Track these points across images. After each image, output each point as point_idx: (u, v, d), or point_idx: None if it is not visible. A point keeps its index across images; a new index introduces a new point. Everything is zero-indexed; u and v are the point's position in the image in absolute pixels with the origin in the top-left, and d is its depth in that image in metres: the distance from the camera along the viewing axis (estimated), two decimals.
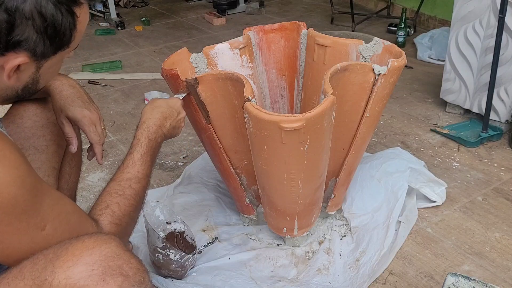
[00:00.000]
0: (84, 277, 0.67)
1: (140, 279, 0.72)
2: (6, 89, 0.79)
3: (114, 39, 3.52)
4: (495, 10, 1.86)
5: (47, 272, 0.67)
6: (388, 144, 1.99)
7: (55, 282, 0.67)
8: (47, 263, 0.68)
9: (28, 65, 0.76)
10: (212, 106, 1.25)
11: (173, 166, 1.90)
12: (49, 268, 0.68)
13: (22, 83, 0.79)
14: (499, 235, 1.48)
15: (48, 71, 0.81)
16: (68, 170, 1.19)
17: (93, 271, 0.68)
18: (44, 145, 1.07)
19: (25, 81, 0.79)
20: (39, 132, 1.08)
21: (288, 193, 1.26)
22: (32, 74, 0.78)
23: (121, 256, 0.71)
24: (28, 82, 0.79)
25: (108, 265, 0.69)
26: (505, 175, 1.76)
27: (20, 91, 0.81)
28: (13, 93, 0.80)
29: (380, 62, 1.30)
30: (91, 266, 0.68)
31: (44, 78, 0.82)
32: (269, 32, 1.49)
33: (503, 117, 1.98)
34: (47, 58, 0.77)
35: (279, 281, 1.32)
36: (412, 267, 1.36)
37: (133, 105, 2.46)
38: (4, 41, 0.70)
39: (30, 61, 0.74)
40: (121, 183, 0.94)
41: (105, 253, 0.70)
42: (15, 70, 0.75)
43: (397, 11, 3.57)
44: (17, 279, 0.68)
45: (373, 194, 1.58)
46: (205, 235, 1.50)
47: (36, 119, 1.08)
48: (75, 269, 0.67)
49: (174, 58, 1.33)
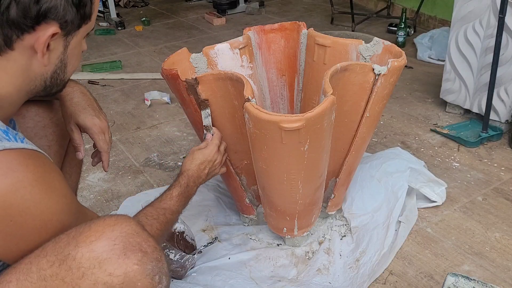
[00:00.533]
0: (106, 250, 0.70)
1: (157, 257, 0.75)
2: (35, 78, 0.79)
3: (114, 39, 3.52)
4: (495, 10, 1.86)
5: (71, 247, 0.70)
6: (388, 144, 1.99)
7: (79, 255, 0.69)
8: (70, 240, 0.71)
9: (58, 42, 0.76)
10: (212, 106, 1.25)
11: (173, 166, 1.90)
12: (72, 243, 0.70)
13: (52, 66, 0.79)
14: (499, 235, 1.48)
15: (74, 53, 0.81)
16: (69, 170, 1.19)
17: (115, 246, 0.71)
18: (46, 145, 1.08)
19: (54, 63, 0.79)
20: (41, 132, 1.08)
21: (288, 193, 1.26)
22: (60, 54, 0.79)
23: (140, 234, 0.74)
24: (57, 66, 0.80)
25: (129, 241, 0.72)
26: (505, 175, 1.76)
27: (48, 80, 0.81)
28: (41, 83, 0.80)
29: (380, 62, 1.30)
30: (113, 241, 0.71)
31: (71, 63, 0.82)
32: (269, 32, 1.49)
33: (503, 117, 1.98)
34: (74, 31, 0.78)
35: (279, 281, 1.33)
36: (412, 267, 1.36)
37: (133, 105, 2.46)
38: (35, 10, 0.70)
39: (60, 33, 0.75)
40: (158, 210, 1.03)
41: (126, 230, 0.73)
42: (47, 50, 0.75)
43: (397, 11, 3.57)
44: (39, 257, 0.70)
45: (373, 194, 1.58)
46: (205, 235, 1.50)
47: (38, 119, 1.08)
48: (98, 243, 0.70)
49: (174, 58, 1.33)
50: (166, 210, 1.04)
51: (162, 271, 0.75)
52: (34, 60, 0.76)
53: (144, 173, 1.87)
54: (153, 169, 1.89)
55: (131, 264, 0.71)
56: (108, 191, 1.77)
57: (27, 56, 0.75)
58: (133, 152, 2.02)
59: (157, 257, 0.75)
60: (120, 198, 1.71)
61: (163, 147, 2.06)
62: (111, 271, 0.70)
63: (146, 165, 1.92)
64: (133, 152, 2.02)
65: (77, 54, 0.83)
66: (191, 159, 1.20)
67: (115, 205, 1.67)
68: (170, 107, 2.40)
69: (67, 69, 0.82)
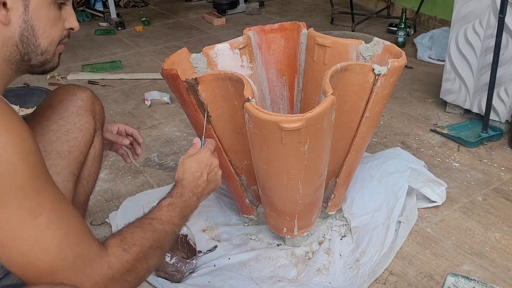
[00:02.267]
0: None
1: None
2: (5, 42, 0.78)
3: (114, 39, 3.52)
4: (495, 10, 1.86)
5: None
6: (388, 144, 1.99)
7: None
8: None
9: (14, 0, 0.75)
10: (212, 106, 1.25)
11: (173, 166, 1.90)
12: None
13: (16, 27, 0.78)
14: (499, 235, 1.48)
15: (40, 15, 0.80)
16: (87, 177, 1.18)
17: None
18: (67, 151, 1.06)
19: (17, 23, 0.78)
20: (63, 137, 1.07)
21: (288, 193, 1.25)
22: (21, 13, 0.77)
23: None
24: (22, 27, 0.78)
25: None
26: (505, 175, 1.76)
27: (19, 44, 0.79)
28: (13, 47, 0.79)
29: (380, 62, 1.30)
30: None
31: (40, 26, 0.80)
32: (269, 32, 1.49)
33: (503, 117, 1.98)
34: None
35: (279, 281, 1.32)
36: (412, 267, 1.36)
37: (133, 105, 2.46)
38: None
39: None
40: (142, 220, 0.91)
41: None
42: (3, 9, 0.74)
43: (397, 11, 3.57)
44: None
45: (373, 194, 1.58)
46: (205, 235, 1.51)
47: (62, 123, 1.07)
48: None
49: (174, 58, 1.33)
50: (153, 220, 0.92)
51: None
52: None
53: (144, 173, 1.87)
54: (153, 169, 1.89)
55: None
56: (108, 191, 1.77)
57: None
58: None
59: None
60: (120, 198, 1.70)
61: (163, 147, 2.06)
62: None
63: (146, 165, 1.92)
64: None
65: (47, 18, 0.81)
66: (182, 170, 1.06)
67: (115, 205, 1.67)
68: (170, 107, 2.40)
69: (36, 33, 0.80)
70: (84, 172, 1.16)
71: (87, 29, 3.71)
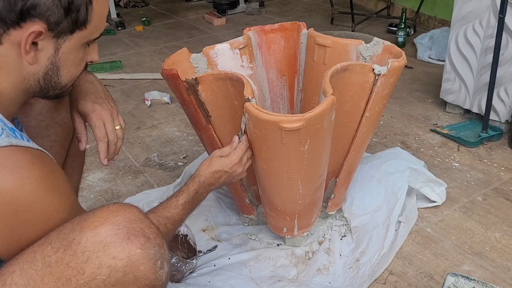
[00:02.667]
0: (110, 234, 0.72)
1: (159, 243, 0.76)
2: (27, 76, 0.79)
3: (114, 39, 3.52)
4: (495, 10, 1.86)
5: (75, 233, 0.72)
6: (388, 144, 1.99)
7: (84, 239, 0.71)
8: (75, 226, 0.73)
9: (47, 42, 0.77)
10: (212, 106, 1.25)
11: (173, 166, 1.90)
12: (77, 229, 0.72)
13: (42, 66, 0.79)
14: (499, 235, 1.48)
15: (68, 58, 0.81)
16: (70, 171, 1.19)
17: (119, 230, 0.73)
18: (48, 146, 1.07)
19: (44, 64, 0.79)
20: (43, 132, 1.07)
21: (288, 193, 1.26)
22: (50, 56, 0.79)
23: (143, 221, 0.76)
24: (48, 68, 0.80)
25: (132, 226, 0.74)
26: (505, 175, 1.77)
27: (41, 80, 0.81)
28: (35, 82, 0.81)
29: (380, 62, 1.30)
30: (117, 226, 0.73)
31: (65, 67, 0.82)
32: (269, 32, 1.49)
33: (503, 117, 1.98)
34: (64, 34, 0.77)
35: (279, 281, 1.33)
36: (412, 267, 1.37)
37: (133, 105, 2.46)
38: (20, 5, 0.71)
39: (46, 32, 0.75)
40: (159, 219, 0.98)
41: (129, 216, 0.75)
42: (33, 49, 0.76)
43: (397, 11, 3.57)
44: (44, 245, 0.72)
45: (373, 194, 1.58)
46: (205, 235, 1.51)
47: (41, 118, 1.07)
48: (102, 228, 0.72)
49: (174, 58, 1.33)
50: (168, 220, 1.00)
51: (164, 257, 0.76)
52: (22, 55, 0.77)
53: (144, 173, 1.87)
54: (153, 169, 1.90)
55: (134, 248, 0.72)
56: (108, 191, 1.77)
57: (16, 52, 0.76)
58: (133, 152, 2.02)
59: (159, 243, 0.76)
60: (120, 198, 1.71)
61: (163, 147, 2.06)
62: (115, 254, 0.71)
63: (146, 165, 1.92)
64: (133, 152, 2.02)
65: (74, 60, 0.83)
66: (208, 164, 1.13)
67: None
68: (170, 107, 2.40)
69: (60, 73, 0.82)
70: (67, 167, 1.16)
71: None
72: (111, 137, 1.01)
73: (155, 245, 0.75)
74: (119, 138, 1.03)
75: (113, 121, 1.02)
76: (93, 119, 0.99)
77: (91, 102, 1.00)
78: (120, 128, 1.03)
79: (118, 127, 1.02)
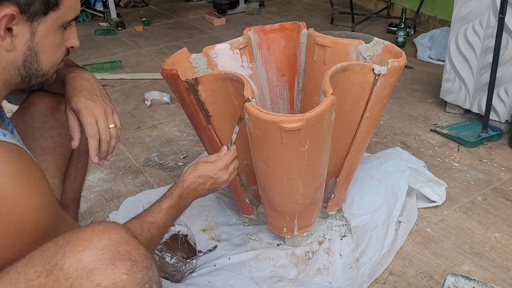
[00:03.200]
0: (94, 260, 0.68)
1: (147, 265, 0.73)
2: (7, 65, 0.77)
3: (114, 39, 3.52)
4: (495, 10, 1.86)
5: (58, 257, 0.68)
6: (388, 144, 1.99)
7: (66, 265, 0.68)
8: (58, 249, 0.69)
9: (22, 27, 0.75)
10: (212, 106, 1.25)
11: (173, 166, 1.90)
12: (60, 253, 0.69)
13: (20, 53, 0.77)
14: (499, 235, 1.48)
15: (46, 42, 0.79)
16: (74, 173, 1.18)
17: (103, 255, 0.69)
18: (52, 147, 1.07)
19: (22, 50, 0.77)
20: (47, 133, 1.07)
21: (288, 193, 1.26)
22: (27, 41, 0.77)
23: (129, 242, 0.72)
24: (26, 54, 0.78)
25: (117, 250, 0.70)
26: (505, 175, 1.77)
27: (21, 68, 0.79)
28: (15, 71, 0.79)
29: (380, 62, 1.30)
30: (101, 251, 0.69)
31: (44, 52, 0.80)
32: (269, 32, 1.49)
33: (503, 117, 1.98)
34: (38, 16, 0.76)
35: (279, 281, 1.33)
36: (412, 267, 1.37)
37: (133, 105, 2.46)
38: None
39: (19, 16, 0.73)
40: (142, 224, 0.96)
41: (114, 238, 0.71)
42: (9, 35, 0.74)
43: (397, 11, 3.57)
44: (27, 267, 0.69)
45: (373, 194, 1.58)
46: (205, 235, 1.51)
47: (45, 119, 1.07)
48: (85, 253, 0.68)
49: (174, 58, 1.33)
50: (152, 225, 0.97)
51: (152, 279, 0.73)
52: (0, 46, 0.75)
53: (144, 173, 1.87)
54: (153, 169, 1.90)
55: (119, 274, 0.69)
56: (108, 191, 1.77)
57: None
58: (133, 152, 2.02)
59: (147, 266, 0.72)
60: (120, 198, 1.71)
61: (163, 147, 2.06)
62: (99, 281, 0.68)
63: (146, 165, 1.92)
64: (133, 152, 2.02)
65: (52, 45, 0.81)
66: (193, 168, 1.12)
67: (115, 205, 1.67)
68: (170, 107, 2.40)
69: (39, 59, 0.80)
70: (70, 169, 1.16)
71: (87, 29, 3.71)
72: (103, 135, 0.98)
73: (142, 269, 0.71)
74: (112, 137, 1.00)
75: (107, 119, 0.99)
76: (85, 116, 0.96)
77: (85, 98, 0.97)
78: (115, 126, 1.00)
79: (112, 126, 0.99)
